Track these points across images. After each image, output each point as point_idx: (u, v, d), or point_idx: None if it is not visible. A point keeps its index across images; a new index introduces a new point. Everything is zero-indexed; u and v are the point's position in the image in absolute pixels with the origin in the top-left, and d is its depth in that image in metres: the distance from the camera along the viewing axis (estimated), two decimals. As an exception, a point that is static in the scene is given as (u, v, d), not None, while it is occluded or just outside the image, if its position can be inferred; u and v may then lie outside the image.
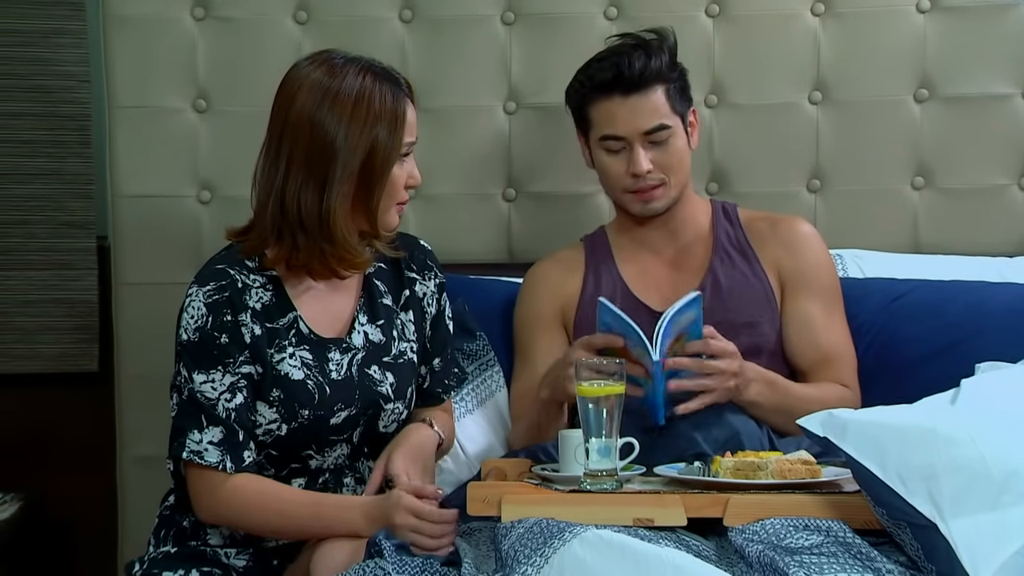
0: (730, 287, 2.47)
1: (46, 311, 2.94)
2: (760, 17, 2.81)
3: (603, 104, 2.44)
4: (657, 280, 2.50)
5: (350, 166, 2.14)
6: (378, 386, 2.23)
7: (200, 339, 2.14)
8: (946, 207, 2.83)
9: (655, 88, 2.44)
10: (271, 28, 2.81)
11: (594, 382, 2.08)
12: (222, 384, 2.14)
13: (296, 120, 2.15)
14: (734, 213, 2.57)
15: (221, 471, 2.13)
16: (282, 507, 2.15)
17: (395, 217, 2.22)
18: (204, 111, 2.83)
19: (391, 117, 2.15)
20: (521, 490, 2.11)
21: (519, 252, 2.84)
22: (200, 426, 2.13)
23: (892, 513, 1.93)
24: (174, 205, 2.83)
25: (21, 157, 2.92)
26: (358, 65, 2.18)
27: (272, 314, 2.19)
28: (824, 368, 2.46)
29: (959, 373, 2.28)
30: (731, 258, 2.51)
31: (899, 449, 1.94)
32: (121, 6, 2.80)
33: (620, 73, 2.42)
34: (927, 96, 2.82)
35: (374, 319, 2.26)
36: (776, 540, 1.93)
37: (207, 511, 2.17)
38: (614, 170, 2.47)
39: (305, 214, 2.14)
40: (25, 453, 2.98)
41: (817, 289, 2.50)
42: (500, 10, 2.83)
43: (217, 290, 2.16)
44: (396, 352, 2.26)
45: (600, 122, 2.46)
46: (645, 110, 2.43)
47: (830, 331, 2.48)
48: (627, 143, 2.44)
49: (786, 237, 2.53)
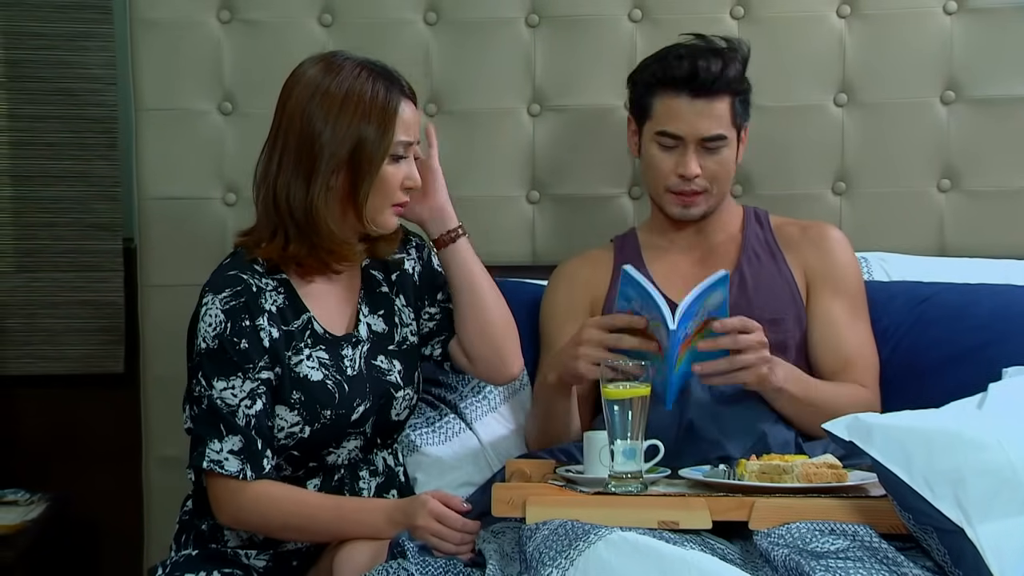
0: (756, 284, 2.47)
1: (72, 313, 2.96)
2: (785, 19, 2.81)
3: (670, 100, 2.44)
4: (684, 276, 2.49)
5: (335, 160, 2.15)
6: (387, 375, 2.25)
7: (220, 346, 2.15)
8: (972, 209, 2.81)
9: (724, 97, 2.44)
10: (296, 30, 2.82)
11: (619, 384, 2.08)
12: (242, 391, 2.14)
13: (290, 114, 2.18)
14: (765, 218, 2.58)
15: (241, 479, 2.13)
16: (304, 511, 2.15)
17: (391, 218, 2.22)
18: (229, 113, 2.84)
19: (380, 113, 2.16)
20: (546, 491, 2.11)
21: (543, 254, 2.84)
22: (219, 435, 2.13)
23: (919, 518, 1.92)
24: (200, 207, 2.85)
25: (48, 160, 2.94)
26: (357, 64, 2.19)
27: (287, 316, 2.20)
28: (846, 372, 2.45)
29: (985, 377, 2.27)
30: (759, 257, 2.51)
31: (925, 453, 1.93)
32: (147, 9, 2.81)
33: (696, 74, 2.42)
34: (953, 98, 2.80)
35: (375, 309, 2.28)
36: (802, 544, 1.92)
37: (230, 518, 2.18)
38: (663, 166, 2.46)
39: (294, 206, 2.16)
40: (51, 454, 3.00)
41: (843, 291, 2.50)
42: (524, 12, 2.83)
43: (233, 296, 2.16)
44: (399, 339, 2.28)
45: (662, 116, 2.45)
46: (710, 115, 2.43)
47: (853, 334, 2.48)
48: (682, 143, 2.44)
49: (815, 239, 2.53)
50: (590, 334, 2.23)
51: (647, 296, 2.18)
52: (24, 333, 2.96)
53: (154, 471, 2.86)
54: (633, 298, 2.21)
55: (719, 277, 2.20)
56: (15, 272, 2.96)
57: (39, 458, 3.00)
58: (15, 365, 2.97)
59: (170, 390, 2.79)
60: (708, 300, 2.20)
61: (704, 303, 2.19)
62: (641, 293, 2.19)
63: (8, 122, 2.94)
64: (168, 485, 2.77)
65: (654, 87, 2.46)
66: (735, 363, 2.22)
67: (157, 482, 2.85)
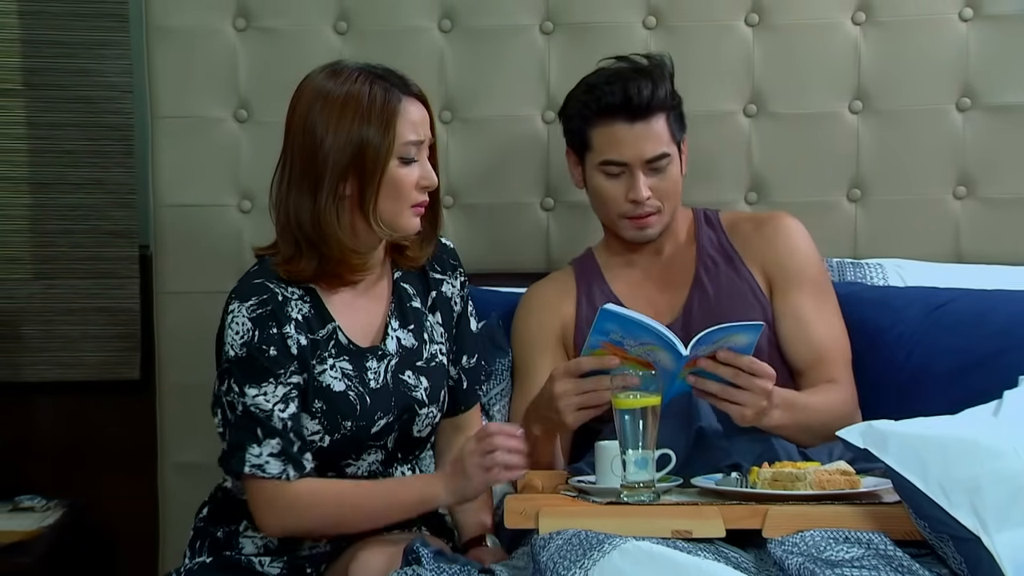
0: (716, 292, 2.48)
1: (89, 319, 2.97)
2: (800, 26, 2.80)
3: (607, 128, 2.44)
4: (648, 295, 2.50)
5: (339, 167, 2.13)
6: (413, 391, 2.23)
7: (248, 354, 2.13)
8: (988, 217, 2.80)
9: (659, 116, 2.44)
10: (312, 38, 2.82)
11: (630, 393, 2.07)
12: (275, 395, 2.13)
13: (296, 127, 2.17)
14: (716, 219, 2.57)
15: (283, 480, 2.12)
16: (354, 499, 2.14)
17: (411, 220, 2.18)
18: (245, 121, 2.85)
19: (381, 115, 2.13)
20: (558, 502, 2.10)
21: (557, 262, 2.83)
22: (258, 440, 2.12)
23: (935, 526, 1.91)
24: (215, 214, 2.85)
25: (65, 167, 2.96)
26: (360, 70, 2.17)
27: (313, 325, 2.19)
28: (819, 366, 2.44)
29: (1001, 384, 2.26)
30: (716, 264, 2.51)
31: (941, 461, 1.92)
32: (164, 17, 2.82)
33: (629, 99, 2.41)
34: (969, 105, 2.80)
35: (405, 323, 2.26)
36: (816, 552, 1.92)
37: (276, 521, 2.15)
38: (612, 194, 2.46)
39: (303, 220, 2.15)
40: (67, 460, 3.01)
41: (806, 283, 2.49)
42: (539, 19, 2.83)
43: (260, 304, 2.16)
44: (428, 355, 2.26)
45: (602, 146, 2.45)
46: (649, 137, 2.43)
47: (822, 325, 2.47)
48: (628, 169, 2.44)
49: (769, 234, 2.52)
50: (563, 387, 2.20)
51: (638, 326, 2.15)
52: (41, 340, 2.97)
53: (170, 477, 2.86)
54: (613, 331, 2.17)
55: (754, 324, 2.19)
56: (32, 279, 2.97)
57: (55, 464, 3.01)
58: (31, 371, 2.98)
59: (185, 397, 2.82)
60: (732, 338, 2.18)
61: (728, 338, 2.18)
62: (628, 325, 2.16)
63: (27, 129, 2.96)
64: (183, 491, 2.78)
65: (589, 118, 2.45)
66: (726, 393, 2.20)
67: (172, 488, 2.86)
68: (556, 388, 2.20)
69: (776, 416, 2.26)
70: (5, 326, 2.97)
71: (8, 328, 2.97)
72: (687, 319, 2.45)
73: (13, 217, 2.97)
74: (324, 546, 2.21)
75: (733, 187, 2.81)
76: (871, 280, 2.71)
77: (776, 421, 2.26)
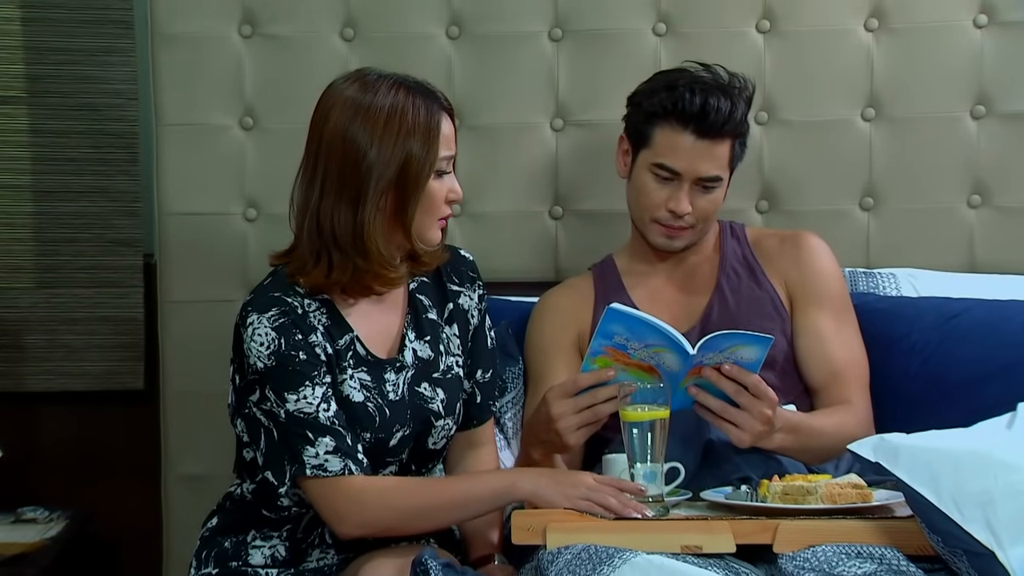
0: (736, 301, 2.47)
1: (93, 329, 2.97)
2: (812, 33, 2.79)
3: (674, 134, 2.41)
4: (668, 301, 2.49)
5: (383, 181, 2.13)
6: (429, 403, 2.22)
7: (278, 363, 2.13)
8: (1003, 226, 2.79)
9: (726, 139, 2.42)
10: (318, 45, 2.81)
11: (639, 407, 2.06)
12: (315, 396, 2.12)
13: (330, 138, 2.15)
14: (742, 232, 2.56)
15: (347, 475, 2.10)
16: (428, 491, 2.14)
17: (437, 232, 2.21)
18: (251, 128, 2.84)
19: (424, 130, 2.14)
20: (566, 517, 2.08)
21: (566, 270, 2.82)
22: (310, 441, 2.11)
23: (948, 541, 1.90)
24: (220, 223, 2.84)
25: (69, 175, 2.95)
26: (392, 80, 2.17)
27: (333, 336, 2.19)
28: (834, 385, 2.43)
29: (1016, 396, 2.25)
30: (738, 274, 2.51)
31: (954, 475, 1.91)
32: (169, 24, 2.81)
33: (706, 114, 2.38)
34: (984, 113, 2.78)
35: (421, 335, 2.25)
36: (828, 568, 1.90)
37: (356, 521, 2.12)
38: (654, 197, 2.45)
39: (340, 231, 2.14)
40: (71, 470, 3.01)
41: (827, 301, 2.48)
42: (548, 27, 2.82)
43: (280, 315, 2.15)
44: (444, 367, 2.26)
45: (662, 148, 2.43)
46: (710, 157, 2.41)
47: (840, 345, 2.46)
48: (678, 179, 2.42)
49: (793, 251, 2.52)
50: (559, 409, 2.17)
51: (645, 326, 2.14)
52: (44, 349, 2.97)
53: (174, 487, 2.86)
54: (618, 333, 2.15)
55: (764, 337, 2.17)
56: (36, 288, 2.97)
57: (58, 475, 3.00)
58: (35, 381, 2.98)
59: (190, 406, 2.82)
60: (740, 349, 2.16)
61: (735, 347, 2.15)
62: (634, 326, 2.14)
63: (30, 137, 2.95)
64: (188, 502, 2.78)
65: (659, 116, 2.42)
66: (726, 412, 2.17)
67: (177, 499, 2.85)
68: (553, 410, 2.18)
69: (778, 439, 2.25)
70: (8, 335, 2.97)
71: (11, 337, 2.97)
72: (705, 326, 2.44)
73: (16, 225, 2.96)
74: (332, 558, 2.21)
75: (744, 195, 2.79)
76: (883, 290, 2.70)
77: (778, 444, 2.26)
